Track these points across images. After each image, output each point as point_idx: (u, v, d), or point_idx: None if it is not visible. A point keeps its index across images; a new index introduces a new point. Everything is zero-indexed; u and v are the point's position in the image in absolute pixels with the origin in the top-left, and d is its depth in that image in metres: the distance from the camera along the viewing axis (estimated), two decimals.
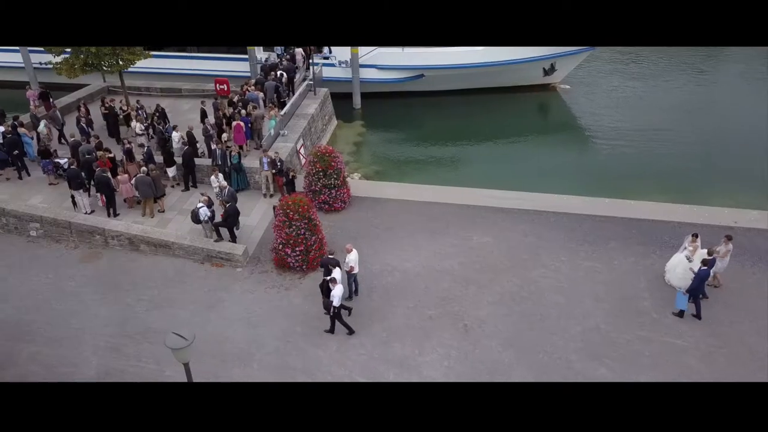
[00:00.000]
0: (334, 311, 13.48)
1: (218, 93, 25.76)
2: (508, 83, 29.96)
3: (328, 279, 13.43)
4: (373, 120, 28.23)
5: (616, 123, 27.68)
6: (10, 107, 29.79)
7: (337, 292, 13.27)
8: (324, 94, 25.74)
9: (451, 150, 26.14)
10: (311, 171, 18.52)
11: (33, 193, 19.43)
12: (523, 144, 26.59)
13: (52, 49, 21.85)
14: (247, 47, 28.43)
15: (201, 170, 19.96)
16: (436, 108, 29.52)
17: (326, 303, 13.57)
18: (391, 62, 28.27)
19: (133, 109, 21.90)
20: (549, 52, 28.76)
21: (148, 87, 26.76)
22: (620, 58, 34.77)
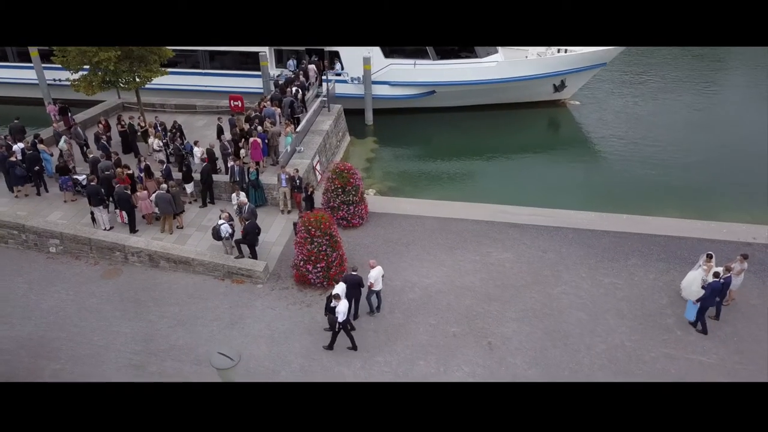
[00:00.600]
0: (339, 327, 13.52)
1: (232, 109, 25.96)
2: (518, 99, 30.17)
3: (332, 294, 13.55)
4: (385, 136, 28.38)
5: (627, 138, 27.82)
6: (24, 123, 30.19)
7: (341, 308, 13.33)
8: (338, 111, 25.93)
9: (463, 165, 26.28)
10: (330, 187, 18.60)
11: (52, 209, 19.51)
12: (534, 159, 26.70)
13: (70, 65, 22.00)
14: (260, 63, 28.64)
15: (218, 186, 20.06)
16: (447, 124, 29.69)
17: (331, 319, 13.64)
18: (403, 79, 28.50)
19: (151, 126, 22.03)
20: (559, 69, 29.01)
21: (163, 103, 26.96)
22: (629, 74, 35.01)
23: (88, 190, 17.97)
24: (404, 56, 28.52)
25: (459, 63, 28.21)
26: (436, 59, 28.11)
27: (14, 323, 15.09)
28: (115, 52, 21.27)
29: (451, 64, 28.17)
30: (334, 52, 28.82)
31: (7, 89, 32.10)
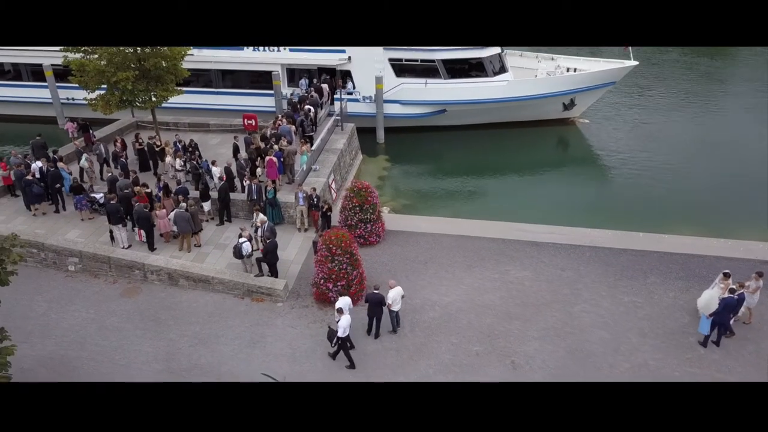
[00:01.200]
0: (338, 341, 13.56)
1: (246, 128, 26.13)
2: (528, 118, 30.39)
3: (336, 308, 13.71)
4: (396, 154, 28.56)
5: (637, 156, 27.98)
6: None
7: (343, 322, 13.37)
8: (351, 130, 26.13)
9: (474, 183, 26.43)
10: (347, 206, 18.70)
11: (70, 227, 19.59)
12: (545, 177, 26.85)
13: (88, 85, 22.23)
14: (273, 82, 28.92)
15: (235, 205, 20.16)
16: (458, 142, 29.88)
17: (330, 333, 13.72)
18: (415, 97, 28.75)
19: (168, 144, 22.20)
20: (569, 88, 29.28)
21: (177, 122, 27.18)
22: (638, 93, 35.29)
23: (108, 208, 18.06)
24: (415, 75, 28.82)
25: (470, 82, 28.48)
26: (447, 78, 28.39)
27: (35, 342, 15.09)
28: (133, 72, 21.52)
29: (462, 83, 28.43)
30: (345, 71, 29.12)
31: (21, 108, 32.37)
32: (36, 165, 20.31)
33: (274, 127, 23.55)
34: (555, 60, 31.30)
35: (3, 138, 31.06)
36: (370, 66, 28.43)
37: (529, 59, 32.14)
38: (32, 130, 31.31)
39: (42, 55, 30.65)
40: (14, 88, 31.94)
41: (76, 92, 30.93)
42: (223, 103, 29.92)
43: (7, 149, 29.46)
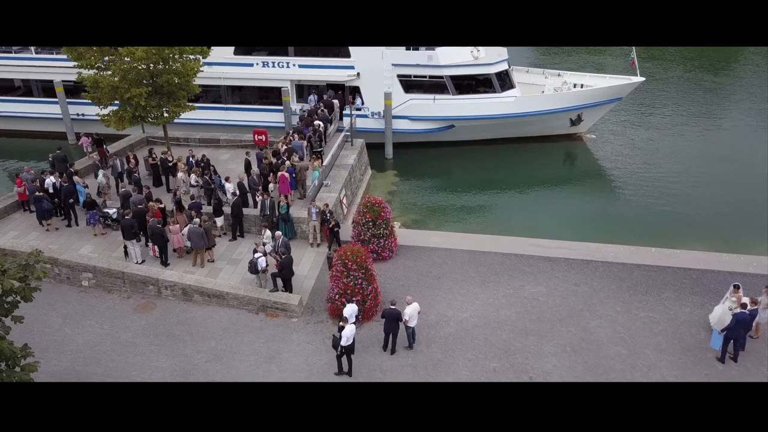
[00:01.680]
0: (341, 350, 13.61)
1: (257, 143, 26.27)
2: (535, 133, 30.54)
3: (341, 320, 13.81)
4: (405, 169, 28.67)
5: (645, 171, 28.10)
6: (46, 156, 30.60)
7: (346, 331, 13.44)
8: (361, 145, 26.27)
9: (483, 198, 26.53)
10: (360, 221, 18.76)
11: (83, 242, 19.65)
12: (554, 192, 26.94)
13: (101, 101, 22.41)
14: (282, 98, 29.14)
15: (248, 220, 20.23)
16: (465, 157, 30.01)
17: (334, 341, 13.82)
18: (423, 113, 28.93)
19: (180, 160, 22.33)
20: (576, 104, 29.46)
21: (187, 137, 27.32)
22: (644, 108, 35.48)
23: (123, 223, 18.12)
24: (423, 91, 29.04)
25: (478, 98, 28.69)
26: (456, 94, 28.60)
27: (50, 358, 15.06)
28: (146, 89, 21.72)
29: (469, 98, 28.64)
30: (354, 87, 29.35)
31: (30, 123, 32.58)
32: (49, 180, 20.42)
33: (285, 142, 23.68)
34: (561, 76, 31.55)
35: (14, 153, 31.24)
36: (378, 82, 28.66)
37: (536, 75, 32.39)
38: (41, 145, 31.67)
39: (53, 71, 30.94)
40: (25, 104, 32.16)
41: (86, 108, 31.30)
42: (232, 119, 30.11)
43: (20, 165, 29.69)
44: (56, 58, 31.51)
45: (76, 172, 21.23)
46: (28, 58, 31.69)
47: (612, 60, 47.05)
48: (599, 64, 45.23)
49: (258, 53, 29.70)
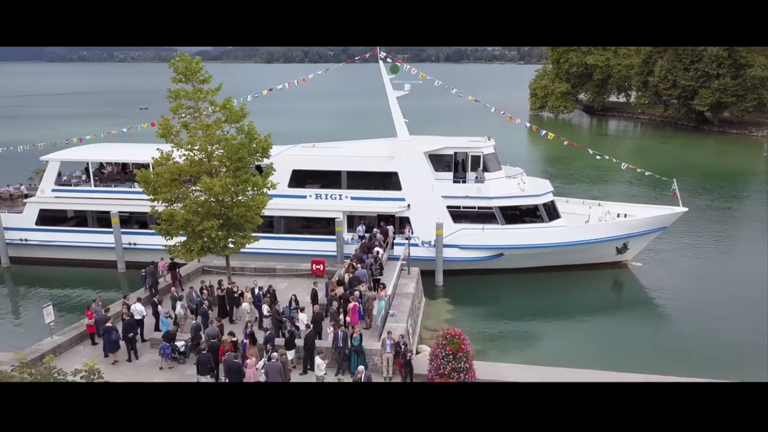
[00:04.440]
0: None
1: (314, 273, 26.58)
2: (581, 261, 30.90)
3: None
4: (456, 297, 28.64)
5: (693, 299, 28.13)
6: (96, 285, 30.84)
7: None
8: (417, 273, 26.51)
9: (538, 327, 26.37)
10: (439, 354, 18.37)
11: (150, 376, 19.14)
12: (604, 320, 26.89)
13: (171, 233, 22.97)
14: (336, 228, 29.89)
15: (319, 352, 19.83)
16: (514, 285, 30.13)
17: None
18: (473, 242, 29.51)
19: (247, 290, 22.43)
20: (622, 233, 30.13)
21: (243, 267, 27.66)
22: (689, 237, 36.29)
23: (199, 358, 17.80)
24: (470, 221, 29.85)
25: (526, 227, 29.41)
26: (504, 224, 29.35)
27: None
28: (217, 221, 22.38)
29: (518, 228, 29.35)
30: (404, 217, 30.22)
31: (82, 252, 33.16)
32: (137, 308, 20.48)
33: (348, 271, 23.90)
34: (602, 206, 32.56)
35: (68, 282, 31.42)
36: (428, 213, 29.57)
37: (576, 204, 33.44)
38: (91, 275, 32.09)
39: (111, 203, 32.14)
40: (79, 234, 32.94)
41: (138, 238, 32.20)
42: (285, 247, 30.67)
43: (68, 293, 29.85)
44: (114, 191, 32.96)
45: (159, 302, 21.25)
46: (87, 191, 33.06)
47: (639, 189, 48.93)
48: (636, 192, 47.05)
49: (311, 186, 30.99)
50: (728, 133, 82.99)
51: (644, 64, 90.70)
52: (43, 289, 30.80)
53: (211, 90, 22.91)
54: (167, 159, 22.81)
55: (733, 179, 55.21)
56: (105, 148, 37.31)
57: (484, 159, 29.91)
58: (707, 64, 78.84)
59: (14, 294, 31.07)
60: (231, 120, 22.91)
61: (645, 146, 78.15)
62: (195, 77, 22.64)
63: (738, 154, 69.84)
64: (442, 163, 30.63)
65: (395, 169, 30.08)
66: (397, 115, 31.27)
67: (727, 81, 77.43)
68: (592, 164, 59.51)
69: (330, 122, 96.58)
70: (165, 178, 22.43)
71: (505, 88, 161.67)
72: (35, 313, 27.71)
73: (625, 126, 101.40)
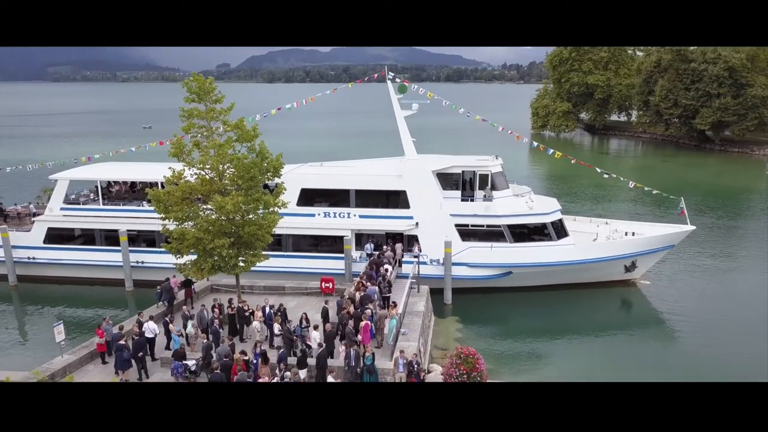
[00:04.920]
0: None
1: (323, 291, 26.55)
2: (590, 279, 30.86)
3: None
4: (465, 315, 28.55)
5: (702, 317, 28.05)
6: (106, 303, 30.78)
7: None
8: (426, 292, 26.47)
9: (549, 346, 26.20)
10: (453, 373, 18.30)
11: None
12: (613, 339, 26.74)
13: (182, 251, 22.99)
14: (344, 246, 29.91)
15: (331, 371, 19.72)
16: (523, 303, 30.07)
17: None
18: (482, 260, 29.50)
19: (258, 309, 22.39)
20: (630, 251, 30.14)
21: (252, 285, 27.64)
22: (697, 255, 36.29)
23: (211, 378, 17.69)
24: (478, 239, 29.90)
25: (535, 246, 29.43)
26: (513, 242, 29.39)
27: None
28: (228, 240, 22.40)
29: (527, 246, 29.37)
30: (412, 235, 30.27)
31: (89, 271, 33.14)
32: (149, 326, 20.42)
33: (358, 288, 23.87)
34: (609, 224, 32.62)
35: (75, 300, 31.33)
36: (436, 231, 29.62)
37: (582, 222, 33.51)
38: (102, 293, 32.04)
39: (119, 221, 32.21)
40: (87, 252, 32.95)
41: (146, 256, 32.23)
42: (292, 265, 30.66)
43: (76, 312, 29.77)
44: (123, 209, 33.06)
45: (171, 320, 21.20)
46: (96, 209, 33.16)
47: (643, 207, 49.03)
48: (640, 210, 47.09)
49: (320, 204, 31.10)
50: (730, 152, 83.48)
51: (645, 83, 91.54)
52: (51, 308, 30.72)
53: (224, 110, 23.12)
54: (179, 178, 22.94)
55: (736, 197, 55.42)
56: (113, 166, 37.50)
57: (492, 177, 30.07)
58: (708, 84, 79.58)
59: (21, 312, 30.98)
60: (243, 139, 23.09)
61: (647, 165, 78.53)
62: (208, 97, 22.88)
63: (739, 172, 70.14)
64: (449, 181, 30.80)
65: (404, 188, 30.21)
66: (405, 134, 31.51)
67: (728, 100, 78.09)
68: (595, 183, 59.99)
69: (336, 141, 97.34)
70: (176, 196, 22.52)
71: (505, 107, 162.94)
72: (43, 332, 27.64)
73: (626, 144, 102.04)
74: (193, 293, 24.78)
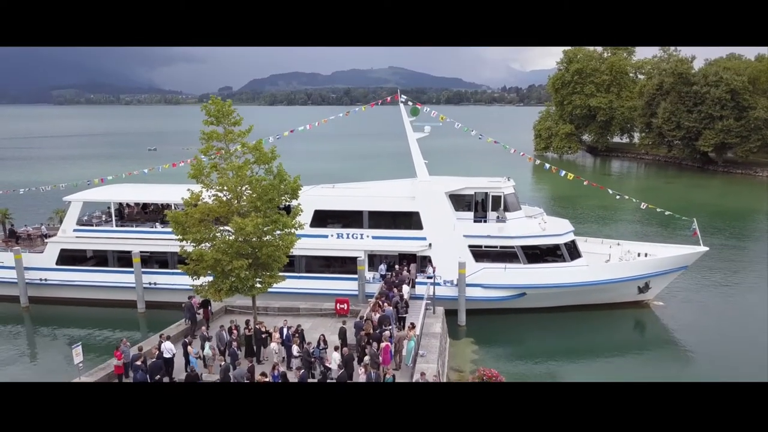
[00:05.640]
0: None
1: (338, 312, 26.49)
2: (603, 300, 30.82)
3: None
4: (480, 337, 28.45)
5: (716, 338, 28.04)
6: (118, 325, 30.69)
7: None
8: (442, 313, 26.42)
9: (564, 368, 26.07)
10: None
11: None
12: (627, 361, 26.62)
13: (199, 272, 23.01)
14: (358, 267, 29.92)
15: None
16: (536, 324, 30.01)
17: None
18: (496, 281, 29.50)
19: (275, 330, 22.33)
20: (644, 272, 30.15)
21: (266, 306, 27.57)
22: (710, 276, 36.29)
23: None
24: (491, 260, 29.94)
25: (549, 267, 29.46)
26: (526, 263, 29.43)
27: None
28: (246, 261, 22.44)
29: (541, 267, 29.40)
30: (426, 256, 30.31)
31: (102, 292, 33.12)
32: (165, 345, 20.37)
33: (374, 309, 23.83)
34: (621, 245, 32.68)
35: (87, 321, 31.26)
36: (449, 252, 29.68)
37: (594, 244, 33.56)
38: (114, 314, 31.97)
39: (132, 243, 32.28)
40: (99, 273, 32.96)
41: (158, 278, 32.25)
42: (305, 287, 30.64)
43: (92, 333, 29.66)
44: (136, 231, 33.17)
45: (190, 342, 21.13)
46: (109, 231, 33.27)
47: (649, 228, 49.12)
48: (649, 230, 47.20)
49: (333, 225, 31.22)
50: (733, 173, 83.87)
51: (647, 106, 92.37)
52: (63, 329, 30.67)
53: (242, 132, 23.38)
54: (197, 199, 23.09)
55: (743, 218, 55.57)
56: (127, 188, 37.73)
57: (505, 199, 30.24)
58: (710, 106, 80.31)
59: (34, 334, 30.91)
60: (261, 161, 23.29)
61: (651, 186, 78.80)
62: (227, 119, 23.15)
63: (743, 193, 70.41)
64: (461, 202, 30.96)
65: (416, 209, 30.36)
66: (417, 156, 31.77)
67: (730, 122, 78.74)
68: (599, 204, 60.24)
69: (344, 163, 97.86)
70: (195, 218, 22.65)
71: (507, 129, 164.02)
72: (57, 354, 27.60)
73: (628, 166, 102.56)
74: (210, 314, 24.76)
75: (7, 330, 30.66)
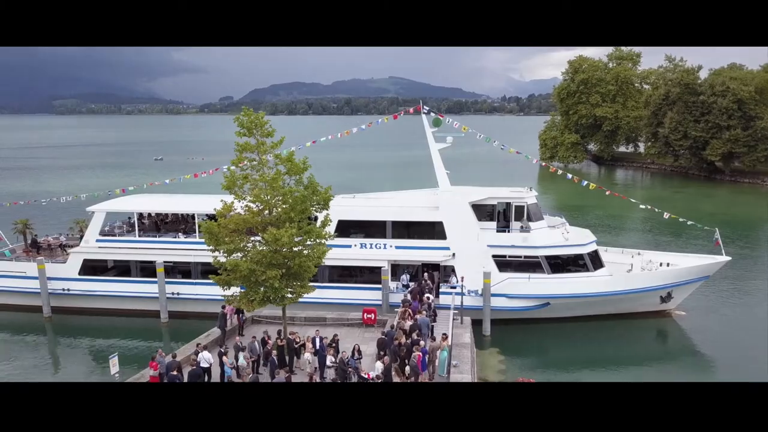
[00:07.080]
0: None
1: (365, 322, 26.61)
2: (626, 310, 30.93)
3: None
4: (505, 347, 28.51)
5: (739, 348, 28.08)
6: (141, 335, 30.75)
7: None
8: (468, 323, 26.53)
9: (589, 377, 25.97)
10: None
11: None
12: (651, 371, 26.57)
13: (231, 283, 23.14)
14: (382, 277, 30.04)
15: None
16: (560, 334, 30.09)
17: None
18: (520, 291, 29.62)
19: (308, 340, 22.44)
20: (666, 282, 30.30)
21: (292, 316, 27.64)
22: (732, 286, 36.41)
23: None
24: (513, 269, 30.08)
25: (573, 276, 29.60)
26: (550, 273, 29.57)
27: None
28: (279, 271, 22.58)
29: (565, 277, 29.54)
30: (449, 266, 30.45)
31: (124, 302, 33.19)
32: (203, 355, 20.48)
33: (404, 318, 23.94)
34: (642, 254, 32.84)
35: (110, 332, 31.37)
36: (473, 262, 29.82)
37: (614, 253, 33.70)
38: (134, 323, 32.05)
39: (156, 253, 32.40)
40: (122, 284, 33.05)
41: (181, 288, 32.36)
42: (331, 296, 30.72)
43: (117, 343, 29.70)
44: (159, 241, 33.30)
45: (225, 352, 21.24)
46: (131, 241, 33.39)
47: (662, 237, 49.29)
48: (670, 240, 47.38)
49: (356, 235, 31.37)
50: (740, 183, 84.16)
51: (653, 116, 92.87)
52: (86, 339, 30.76)
53: (275, 143, 23.60)
54: (229, 210, 23.27)
55: (754, 228, 55.76)
56: (148, 198, 37.92)
57: (528, 209, 30.44)
58: (717, 116, 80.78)
59: (55, 344, 30.96)
60: (292, 172, 23.50)
61: (658, 196, 78.96)
62: (260, 131, 23.38)
63: (751, 203, 70.60)
64: (483, 212, 31.16)
65: (440, 219, 30.53)
66: (439, 166, 32.00)
67: (738, 132, 79.17)
68: (606, 213, 60.50)
69: (359, 172, 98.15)
70: (228, 229, 22.81)
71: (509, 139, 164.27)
72: (80, 364, 27.67)
73: (633, 175, 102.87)
74: (242, 323, 24.89)
75: (30, 340, 30.72)
